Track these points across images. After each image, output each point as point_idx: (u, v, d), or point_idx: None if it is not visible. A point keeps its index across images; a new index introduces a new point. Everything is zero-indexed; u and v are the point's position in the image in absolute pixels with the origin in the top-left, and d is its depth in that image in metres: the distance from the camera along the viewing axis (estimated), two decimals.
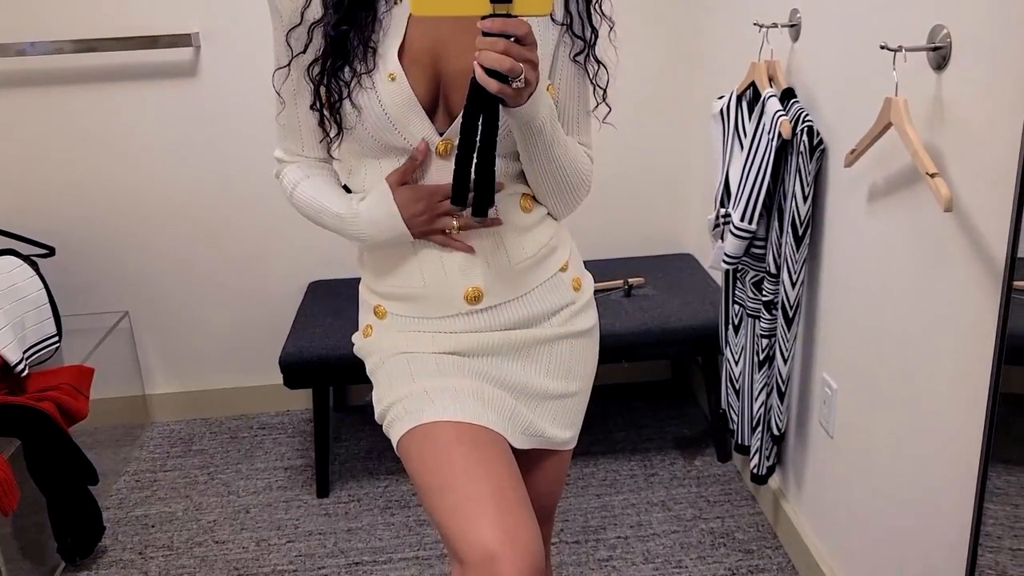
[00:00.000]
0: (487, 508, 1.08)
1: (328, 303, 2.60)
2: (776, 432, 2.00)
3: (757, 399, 2.00)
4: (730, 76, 2.29)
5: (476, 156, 1.03)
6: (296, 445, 2.73)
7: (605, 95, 1.25)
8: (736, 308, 2.11)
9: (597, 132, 1.30)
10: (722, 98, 2.07)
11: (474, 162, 1.04)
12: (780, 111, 1.77)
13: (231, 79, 2.57)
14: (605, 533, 2.24)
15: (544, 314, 1.27)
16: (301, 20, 1.15)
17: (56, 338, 2.33)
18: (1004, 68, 1.19)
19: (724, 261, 1.96)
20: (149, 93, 2.58)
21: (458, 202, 1.07)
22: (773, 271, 1.88)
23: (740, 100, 2.00)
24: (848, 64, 1.66)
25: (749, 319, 2.03)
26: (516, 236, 1.24)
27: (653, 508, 2.33)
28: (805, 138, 1.72)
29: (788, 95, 1.83)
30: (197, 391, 2.90)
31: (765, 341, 1.94)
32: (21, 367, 2.11)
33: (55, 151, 2.60)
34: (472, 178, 1.05)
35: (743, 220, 1.87)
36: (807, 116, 1.74)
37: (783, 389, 1.95)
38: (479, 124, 1.02)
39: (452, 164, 1.06)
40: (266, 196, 2.68)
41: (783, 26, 1.90)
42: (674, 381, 3.01)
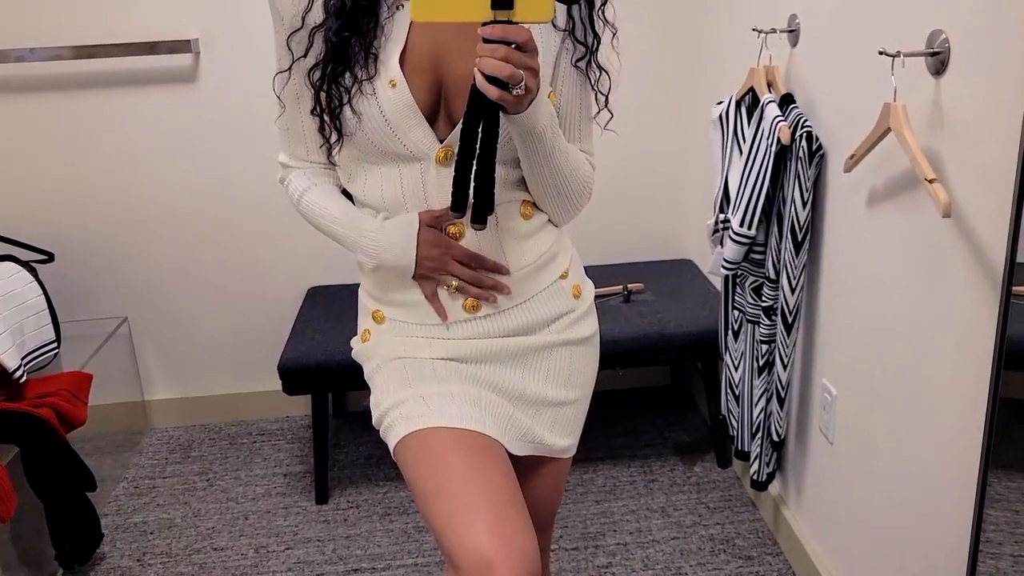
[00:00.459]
0: (483, 514, 1.07)
1: (327, 309, 2.59)
2: (776, 438, 1.99)
3: (757, 405, 2.00)
4: (729, 81, 2.29)
5: (476, 163, 1.03)
6: (295, 451, 2.73)
7: (607, 101, 1.25)
8: (736, 314, 2.11)
9: (597, 138, 1.29)
10: (721, 104, 2.07)
11: (474, 169, 1.03)
12: (779, 116, 1.77)
13: (230, 85, 2.58)
14: (604, 539, 2.23)
15: (543, 321, 1.27)
16: (302, 24, 1.15)
17: (55, 344, 2.32)
18: (1002, 73, 1.19)
19: (723, 267, 1.96)
20: (148, 99, 2.58)
21: (457, 209, 1.06)
22: (772, 277, 1.88)
23: (739, 106, 2.00)
24: (847, 69, 1.66)
25: (749, 325, 2.03)
26: (516, 243, 1.24)
27: (653, 514, 2.32)
28: (804, 143, 1.72)
29: (787, 100, 1.84)
30: (196, 397, 2.90)
31: (765, 347, 1.94)
32: (19, 373, 2.11)
33: (54, 157, 2.60)
34: (472, 185, 1.04)
35: (742, 225, 1.87)
36: (806, 121, 1.74)
37: (783, 395, 1.94)
38: (479, 131, 1.01)
39: (452, 171, 1.06)
40: (265, 202, 2.68)
41: (782, 32, 1.90)
42: (674, 387, 3.01)
